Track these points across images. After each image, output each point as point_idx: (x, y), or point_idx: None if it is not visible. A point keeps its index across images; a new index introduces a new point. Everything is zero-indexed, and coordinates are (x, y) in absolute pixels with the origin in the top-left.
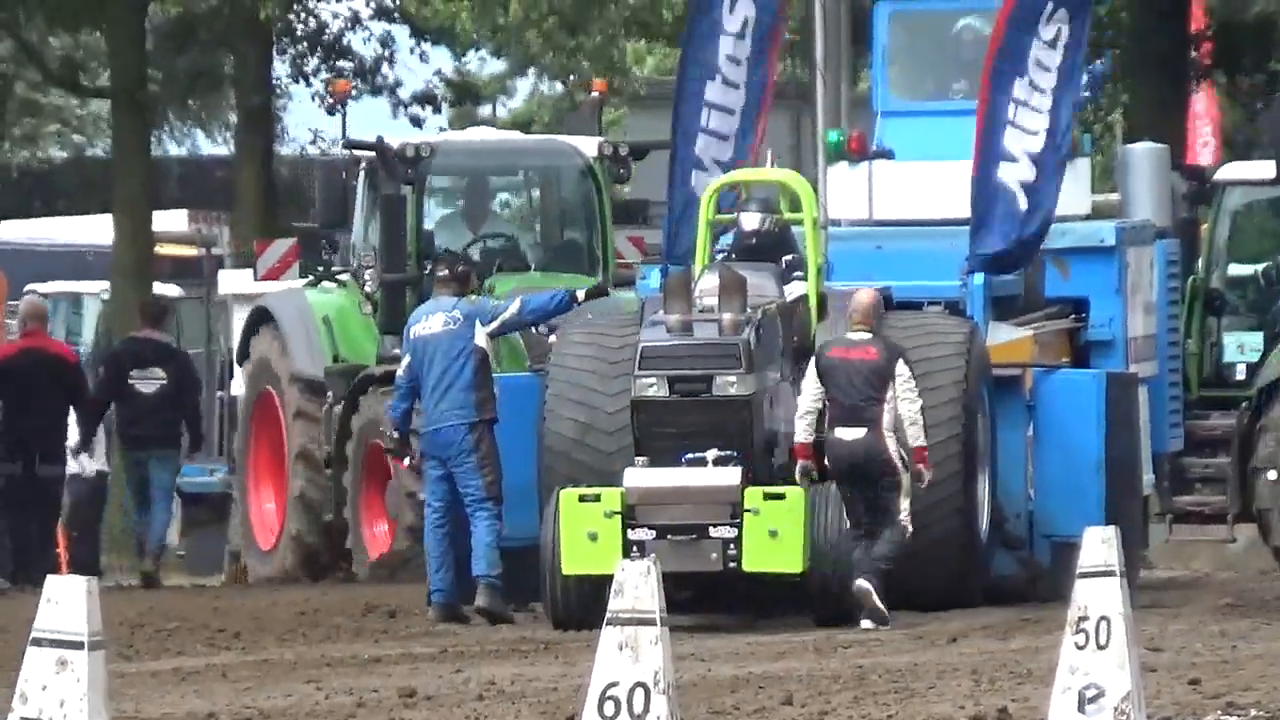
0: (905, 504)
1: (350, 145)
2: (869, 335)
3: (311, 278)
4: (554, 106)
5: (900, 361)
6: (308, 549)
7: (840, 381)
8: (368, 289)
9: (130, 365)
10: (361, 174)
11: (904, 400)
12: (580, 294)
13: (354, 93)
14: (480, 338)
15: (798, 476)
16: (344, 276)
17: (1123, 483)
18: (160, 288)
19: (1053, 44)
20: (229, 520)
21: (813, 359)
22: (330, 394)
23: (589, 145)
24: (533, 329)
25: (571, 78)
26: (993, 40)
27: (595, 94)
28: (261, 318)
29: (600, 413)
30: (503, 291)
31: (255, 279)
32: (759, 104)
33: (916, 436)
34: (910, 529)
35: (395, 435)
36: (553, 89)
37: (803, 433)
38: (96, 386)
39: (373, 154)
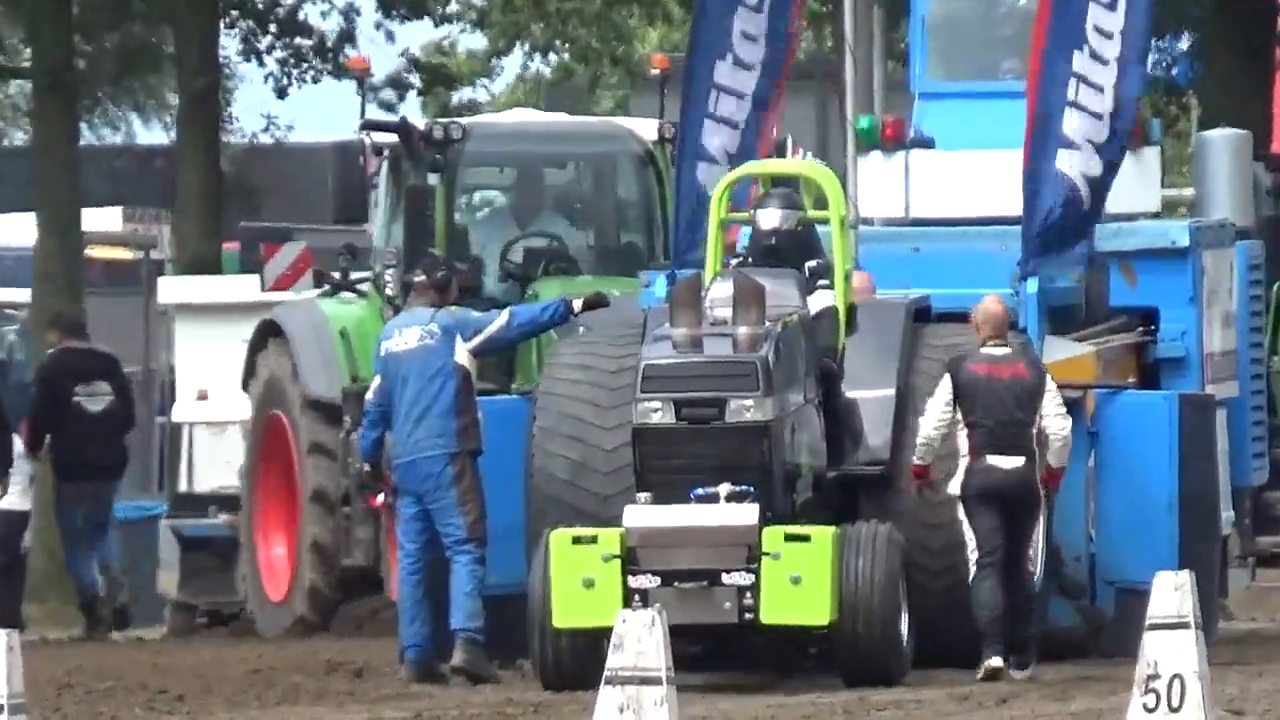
0: (1040, 542)
1: (369, 127)
2: (1009, 350)
3: (327, 287)
4: (545, 88)
5: (1049, 377)
6: (325, 601)
7: (987, 402)
8: (389, 292)
9: (74, 380)
10: (384, 164)
11: (1056, 418)
12: (577, 304)
13: (313, 74)
14: (461, 354)
15: (917, 497)
16: (365, 286)
17: (1198, 521)
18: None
19: (1112, 4)
20: (235, 569)
21: (946, 375)
22: (347, 419)
23: (648, 128)
24: (579, 330)
25: (590, 60)
26: (1041, 6)
27: (656, 70)
28: (269, 332)
29: (596, 450)
30: (547, 298)
31: (263, 289)
32: (773, 88)
33: (1063, 459)
34: (1036, 572)
35: (366, 468)
36: (545, 66)
37: (929, 455)
38: (37, 409)
39: (395, 139)
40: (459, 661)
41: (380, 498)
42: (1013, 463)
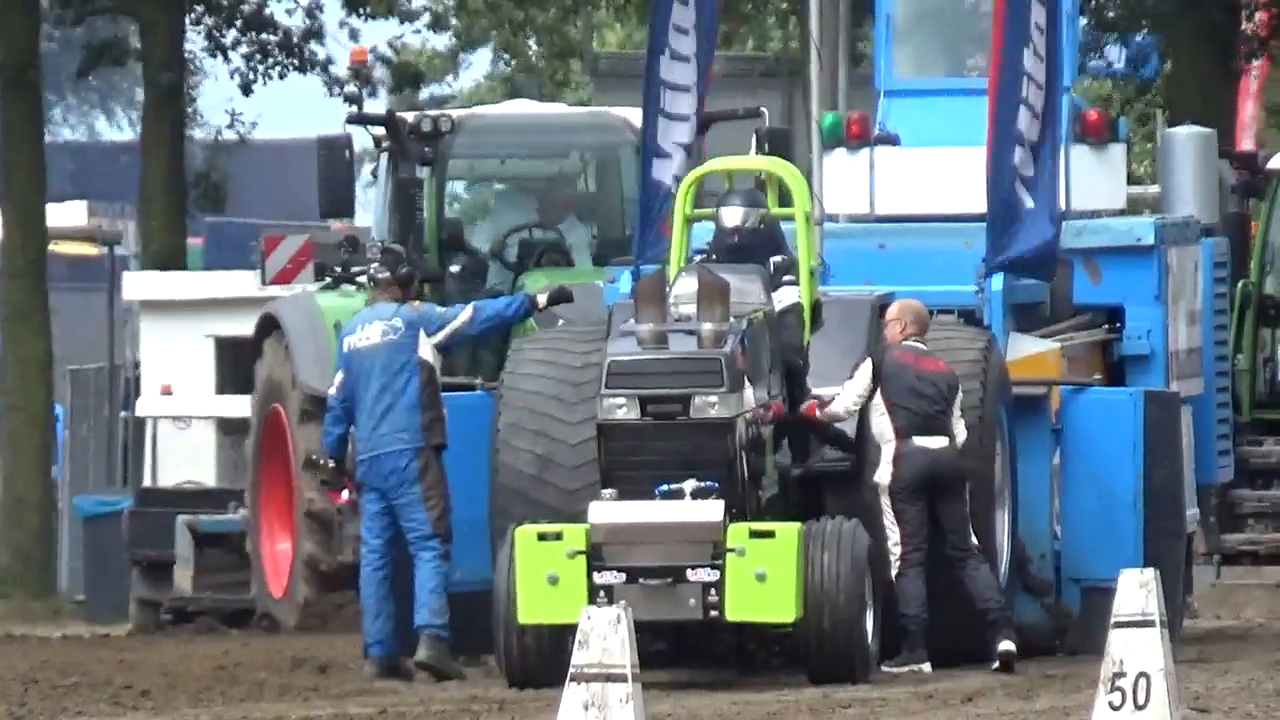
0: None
1: (357, 120)
2: (927, 347)
3: (328, 280)
4: (508, 85)
5: (959, 380)
6: (322, 576)
7: (914, 388)
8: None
9: None
10: (384, 157)
11: (959, 421)
12: (541, 299)
13: (278, 70)
14: (425, 350)
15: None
16: (364, 278)
17: (1163, 519)
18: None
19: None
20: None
21: (868, 360)
22: None
23: (640, 117)
24: (559, 323)
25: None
26: (996, 3)
27: None
28: (269, 326)
29: (562, 445)
30: (531, 290)
31: (263, 283)
32: (704, 79)
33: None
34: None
35: (330, 464)
36: (507, 64)
37: (830, 420)
38: None
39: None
40: (423, 657)
41: (345, 494)
42: (939, 442)
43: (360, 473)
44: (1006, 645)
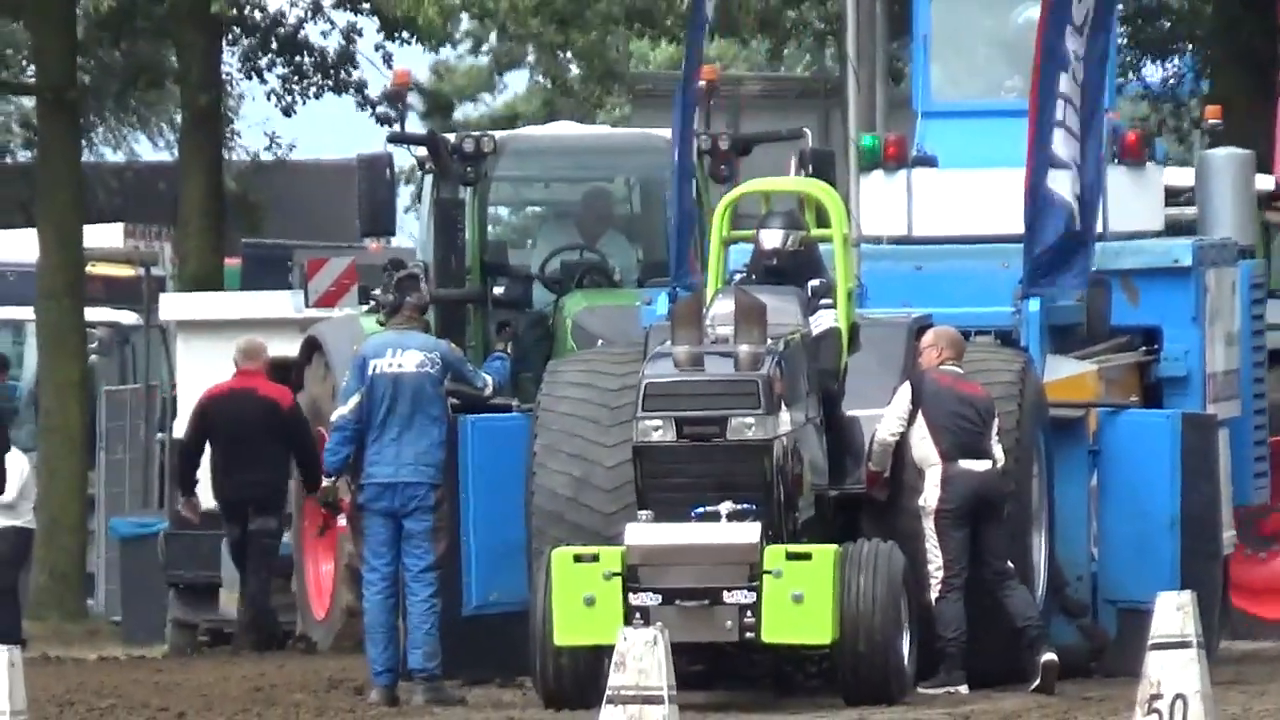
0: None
1: (397, 139)
2: (964, 371)
3: (372, 304)
4: (546, 100)
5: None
6: (360, 623)
7: (953, 411)
8: None
9: None
10: (429, 179)
11: (997, 445)
12: (504, 349)
13: (314, 90)
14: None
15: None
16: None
17: (1200, 541)
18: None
19: (1080, 29)
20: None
21: (906, 384)
22: None
23: None
24: (598, 343)
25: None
26: (1039, 27)
27: (702, 82)
28: (313, 348)
29: (598, 467)
30: (571, 311)
31: (306, 306)
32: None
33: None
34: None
35: (334, 481)
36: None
37: (885, 461)
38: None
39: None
40: (425, 700)
41: (342, 520)
42: (983, 465)
43: (369, 495)
44: (1049, 657)
